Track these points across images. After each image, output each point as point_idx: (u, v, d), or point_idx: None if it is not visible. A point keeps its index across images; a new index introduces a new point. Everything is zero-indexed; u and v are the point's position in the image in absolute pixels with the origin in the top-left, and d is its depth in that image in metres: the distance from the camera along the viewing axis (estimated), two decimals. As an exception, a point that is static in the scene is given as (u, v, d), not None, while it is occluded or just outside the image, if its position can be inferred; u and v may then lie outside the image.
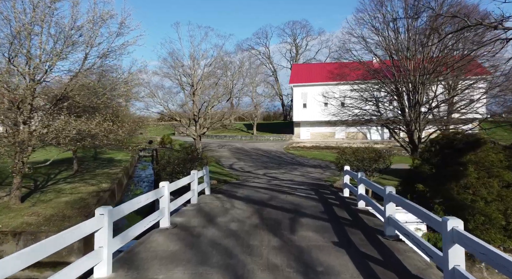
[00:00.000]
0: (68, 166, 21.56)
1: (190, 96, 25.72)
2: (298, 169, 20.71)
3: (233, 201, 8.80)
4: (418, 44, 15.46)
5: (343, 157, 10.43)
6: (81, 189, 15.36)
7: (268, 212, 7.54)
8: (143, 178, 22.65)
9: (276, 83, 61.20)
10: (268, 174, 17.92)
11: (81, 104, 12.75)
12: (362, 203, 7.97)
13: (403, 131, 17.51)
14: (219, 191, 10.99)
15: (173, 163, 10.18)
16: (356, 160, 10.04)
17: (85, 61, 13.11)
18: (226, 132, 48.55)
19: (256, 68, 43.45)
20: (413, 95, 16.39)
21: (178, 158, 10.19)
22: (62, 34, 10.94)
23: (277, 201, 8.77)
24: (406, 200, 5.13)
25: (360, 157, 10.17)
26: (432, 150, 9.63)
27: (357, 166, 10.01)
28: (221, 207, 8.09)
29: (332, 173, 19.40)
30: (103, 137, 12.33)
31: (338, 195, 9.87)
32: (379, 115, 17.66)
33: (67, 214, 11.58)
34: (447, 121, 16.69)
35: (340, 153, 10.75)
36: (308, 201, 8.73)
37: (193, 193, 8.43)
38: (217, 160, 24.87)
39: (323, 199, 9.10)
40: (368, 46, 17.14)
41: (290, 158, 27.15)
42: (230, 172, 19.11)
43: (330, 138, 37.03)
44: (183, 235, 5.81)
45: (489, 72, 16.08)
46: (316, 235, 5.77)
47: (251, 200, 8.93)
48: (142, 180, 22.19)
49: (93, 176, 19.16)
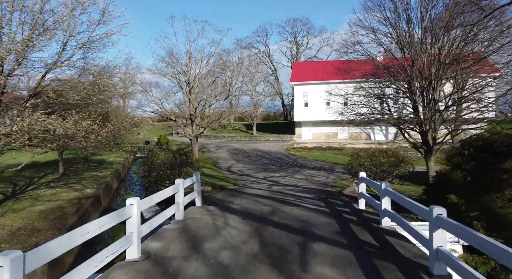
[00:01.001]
0: (55, 169, 19.94)
1: (186, 94, 24.09)
2: (300, 172, 19.10)
3: (228, 216, 7.17)
4: (438, 32, 13.81)
5: (357, 161, 8.81)
6: (61, 195, 13.73)
7: (271, 233, 5.91)
8: (136, 181, 21.02)
9: (276, 83, 59.54)
10: (268, 178, 16.29)
11: (58, 100, 11.14)
12: (387, 220, 6.34)
13: (415, 131, 15.89)
14: (212, 201, 9.36)
15: (158, 168, 8.56)
16: (373, 165, 8.41)
17: (63, 53, 11.55)
18: (225, 132, 46.92)
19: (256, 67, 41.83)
20: (427, 92, 14.78)
21: (165, 163, 8.56)
22: (28, 16, 9.32)
23: (281, 216, 7.14)
24: (471, 230, 3.51)
25: (377, 162, 8.54)
26: (464, 153, 8.01)
27: (374, 171, 8.39)
28: (211, 225, 6.46)
29: (338, 176, 17.79)
30: (82, 138, 10.71)
31: (353, 207, 8.25)
32: (390, 114, 16.03)
33: (38, 227, 9.95)
34: (465, 120, 15.08)
35: (353, 157, 9.13)
36: (318, 216, 7.10)
37: (177, 206, 6.80)
38: (214, 162, 23.25)
39: (336, 212, 7.47)
40: (377, 38, 15.49)
41: (292, 159, 25.53)
42: (227, 175, 17.50)
43: (333, 139, 35.39)
44: (154, 273, 4.19)
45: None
46: (336, 273, 4.16)
47: (249, 215, 7.30)
48: (134, 184, 20.55)
49: (80, 179, 17.54)
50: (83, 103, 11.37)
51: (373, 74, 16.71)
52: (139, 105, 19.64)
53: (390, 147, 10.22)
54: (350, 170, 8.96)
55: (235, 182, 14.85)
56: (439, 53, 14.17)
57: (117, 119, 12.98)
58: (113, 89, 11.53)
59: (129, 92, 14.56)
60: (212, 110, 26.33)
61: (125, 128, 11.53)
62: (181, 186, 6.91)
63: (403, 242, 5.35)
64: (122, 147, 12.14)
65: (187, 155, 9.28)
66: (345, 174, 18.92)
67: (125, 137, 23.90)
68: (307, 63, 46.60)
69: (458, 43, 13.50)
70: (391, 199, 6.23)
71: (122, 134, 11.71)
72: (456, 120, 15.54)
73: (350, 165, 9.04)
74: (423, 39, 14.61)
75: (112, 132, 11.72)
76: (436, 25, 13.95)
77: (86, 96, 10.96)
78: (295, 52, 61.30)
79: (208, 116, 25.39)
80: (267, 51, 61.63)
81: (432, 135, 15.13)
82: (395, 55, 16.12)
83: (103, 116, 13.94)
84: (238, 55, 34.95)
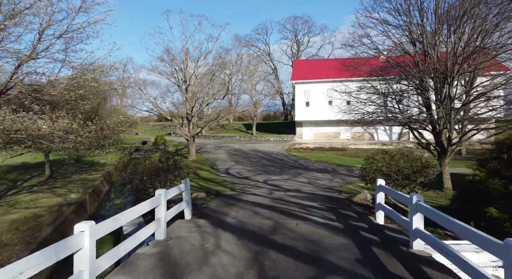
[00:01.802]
0: (43, 171, 18.62)
1: (183, 93, 22.74)
2: (303, 174, 17.75)
3: (220, 234, 5.82)
4: (454, 22, 12.46)
5: (373, 166, 7.46)
6: (42, 201, 12.38)
7: (273, 261, 4.57)
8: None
9: (276, 82, 58.13)
10: (269, 181, 14.95)
11: (33, 96, 9.81)
12: (420, 243, 4.98)
13: (428, 131, 14.55)
14: (204, 212, 8.02)
15: (141, 175, 7.23)
16: (393, 171, 7.07)
17: (39, 43, 10.22)
18: (224, 132, 45.57)
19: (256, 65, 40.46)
20: (442, 88, 13.43)
21: (148, 168, 7.22)
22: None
23: (285, 234, 5.79)
24: None
25: (395, 167, 7.20)
26: (502, 157, 6.67)
27: (395, 178, 7.05)
28: (199, 249, 5.11)
29: (343, 179, 16.46)
30: (59, 138, 9.37)
31: (370, 221, 6.90)
32: (400, 112, 14.68)
33: (4, 241, 8.61)
34: (482, 119, 13.76)
35: (368, 161, 7.77)
36: (331, 234, 5.75)
37: (158, 223, 5.45)
38: (212, 163, 21.90)
39: (351, 229, 6.12)
40: (387, 29, 14.13)
41: (293, 160, 24.18)
42: (225, 178, 16.15)
43: (335, 139, 34.04)
44: None
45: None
46: None
47: (247, 232, 5.96)
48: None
49: (66, 183, 16.18)
50: (63, 100, 10.03)
51: (382, 70, 15.37)
52: (132, 103, 18.30)
53: (404, 148, 8.84)
54: (364, 177, 7.59)
55: (233, 186, 13.51)
56: (454, 46, 12.85)
57: (103, 118, 11.64)
58: (95, 85, 10.19)
59: (114, 88, 13.22)
60: (210, 110, 25.03)
61: (109, 127, 10.16)
62: (163, 198, 5.56)
63: (449, 278, 4.01)
64: (107, 148, 10.81)
65: (175, 159, 7.92)
66: (350, 176, 17.59)
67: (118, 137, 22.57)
68: (308, 61, 45.21)
69: (478, 34, 12.16)
70: (447, 228, 4.87)
71: (106, 134, 10.32)
72: (473, 120, 14.23)
73: (364, 170, 7.68)
74: (437, 30, 13.28)
75: (95, 132, 10.40)
76: (453, 15, 12.61)
77: (64, 92, 9.62)
78: (295, 50, 59.92)
79: (206, 116, 24.07)
80: (267, 50, 60.26)
81: (446, 135, 13.81)
82: (405, 49, 14.76)
83: (88, 114, 12.65)
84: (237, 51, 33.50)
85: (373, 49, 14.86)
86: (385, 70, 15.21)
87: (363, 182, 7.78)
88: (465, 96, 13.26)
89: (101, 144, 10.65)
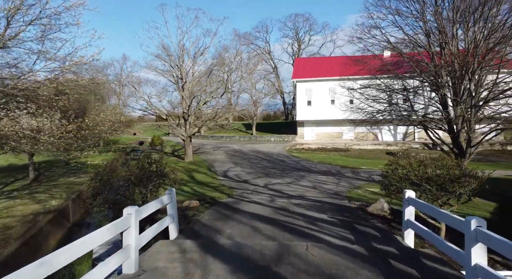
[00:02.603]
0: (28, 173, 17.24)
1: (179, 90, 21.36)
2: (306, 177, 16.37)
3: (210, 264, 4.43)
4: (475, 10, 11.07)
5: (397, 172, 6.08)
6: (17, 208, 10.98)
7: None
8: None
9: (277, 81, 56.65)
10: (270, 186, 13.57)
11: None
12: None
13: (444, 131, 13.17)
14: (194, 228, 6.62)
15: (115, 183, 5.85)
16: (423, 179, 5.70)
17: (8, 29, 8.85)
18: (223, 132, 44.18)
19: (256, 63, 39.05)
20: (461, 84, 12.06)
21: (122, 176, 5.85)
22: None
23: (294, 265, 4.39)
24: None
25: (425, 174, 5.82)
26: None
27: (426, 189, 5.67)
28: (178, 290, 3.73)
29: (349, 183, 15.07)
30: (26, 139, 8.00)
31: (397, 242, 5.51)
32: (414, 111, 13.29)
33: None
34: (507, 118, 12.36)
35: (390, 166, 6.37)
36: (353, 265, 4.36)
37: (126, 253, 4.06)
38: (210, 165, 20.52)
39: (377, 256, 4.73)
40: (401, 18, 12.73)
41: (295, 162, 22.79)
42: (222, 182, 14.77)
43: (337, 139, 32.65)
44: None
45: None
46: None
47: (244, 261, 4.57)
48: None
49: (51, 187, 14.78)
50: (33, 95, 8.64)
51: (393, 64, 13.98)
52: (124, 102, 16.94)
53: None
54: (387, 186, 6.20)
55: (231, 192, 12.13)
56: (477, 37, 11.47)
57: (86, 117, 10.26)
58: (73, 78, 8.80)
59: (98, 83, 11.84)
60: (208, 110, 23.65)
61: (89, 127, 8.77)
62: (133, 219, 4.17)
63: None
64: (87, 150, 9.43)
65: (159, 164, 6.52)
66: (356, 179, 16.22)
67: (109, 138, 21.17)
68: (310, 58, 43.76)
69: (504, 23, 10.77)
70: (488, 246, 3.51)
71: (86, 134, 8.94)
72: (494, 119, 12.84)
73: (386, 177, 6.29)
74: (455, 19, 11.89)
75: (73, 132, 9.01)
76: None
77: (33, 85, 8.24)
78: (296, 49, 58.40)
79: (204, 115, 22.70)
80: (267, 48, 58.73)
81: (465, 136, 12.44)
82: (418, 42, 13.37)
83: (76, 113, 11.30)
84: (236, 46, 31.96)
85: (383, 42, 13.47)
86: (397, 64, 13.82)
87: (385, 193, 6.37)
88: (488, 92, 11.85)
89: (80, 145, 9.23)
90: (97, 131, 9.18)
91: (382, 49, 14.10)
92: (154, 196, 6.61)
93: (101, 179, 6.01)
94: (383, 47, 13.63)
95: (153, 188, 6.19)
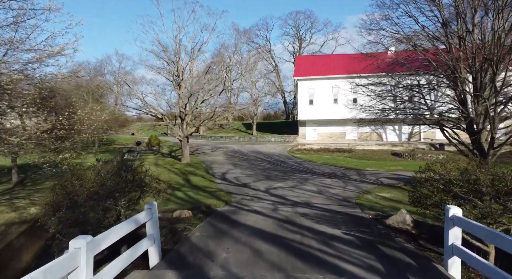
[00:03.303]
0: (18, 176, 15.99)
1: (175, 87, 20.10)
2: (310, 180, 15.10)
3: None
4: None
5: (434, 183, 4.81)
6: (-11, 218, 9.76)
7: None
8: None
9: (277, 80, 55.29)
10: (272, 190, 12.31)
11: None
12: None
13: (463, 130, 11.93)
14: (180, 251, 5.35)
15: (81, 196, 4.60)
16: (470, 192, 4.44)
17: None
18: (223, 132, 42.90)
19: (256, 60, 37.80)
20: (484, 77, 10.81)
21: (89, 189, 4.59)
22: None
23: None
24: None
25: (474, 186, 4.55)
26: None
27: (478, 205, 4.41)
28: None
29: (356, 186, 13.79)
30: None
31: (440, 275, 4.26)
32: (429, 109, 12.04)
33: None
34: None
35: (423, 174, 5.10)
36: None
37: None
38: (208, 167, 19.26)
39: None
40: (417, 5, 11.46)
41: (297, 163, 21.52)
42: (220, 186, 13.50)
43: (340, 139, 31.39)
44: None
45: None
46: None
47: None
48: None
49: (34, 191, 13.51)
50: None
51: (406, 58, 12.72)
52: (116, 100, 15.74)
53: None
54: (420, 200, 4.93)
55: (229, 198, 10.86)
56: (504, 26, 10.21)
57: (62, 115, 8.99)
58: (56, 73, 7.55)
59: (77, 76, 10.61)
60: (207, 109, 22.40)
61: (64, 126, 7.52)
62: (83, 256, 2.90)
63: None
64: (63, 152, 8.16)
65: (138, 171, 5.26)
66: (363, 182, 14.96)
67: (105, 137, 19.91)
68: (312, 56, 42.46)
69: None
70: None
71: (62, 134, 7.67)
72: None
73: (418, 186, 5.02)
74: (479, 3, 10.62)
75: (47, 132, 7.76)
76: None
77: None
78: (297, 47, 57.02)
79: (202, 114, 21.44)
80: (268, 46, 57.29)
81: (488, 136, 11.19)
82: (434, 34, 12.11)
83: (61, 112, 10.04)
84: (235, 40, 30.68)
85: (395, 33, 12.20)
86: (410, 58, 12.55)
87: (416, 207, 5.10)
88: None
89: (56, 147, 7.97)
90: (73, 131, 7.92)
91: (394, 41, 12.84)
92: (133, 211, 5.36)
93: (65, 190, 4.76)
94: (396, 39, 12.34)
95: (129, 203, 4.93)
